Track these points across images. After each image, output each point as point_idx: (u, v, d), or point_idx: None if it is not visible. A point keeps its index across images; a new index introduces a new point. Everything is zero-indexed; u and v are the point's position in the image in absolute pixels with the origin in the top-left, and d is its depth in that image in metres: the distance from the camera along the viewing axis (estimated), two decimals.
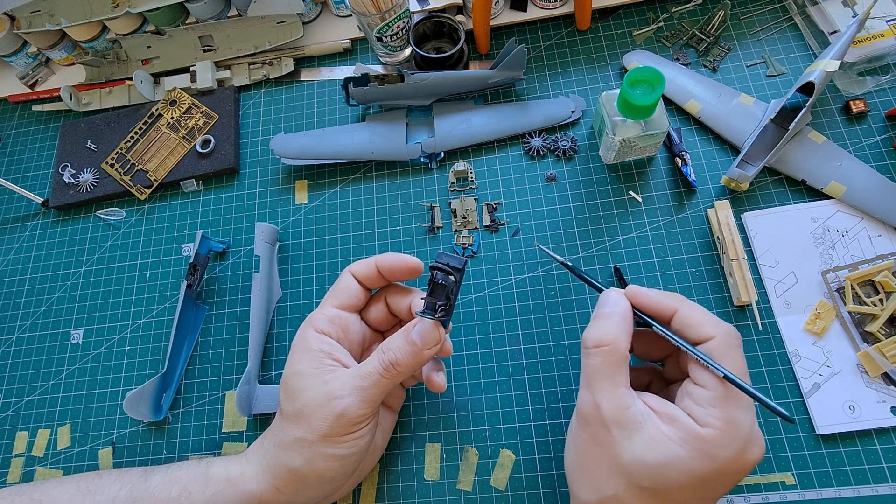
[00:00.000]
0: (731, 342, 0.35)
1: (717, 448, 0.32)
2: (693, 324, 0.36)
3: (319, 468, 0.39)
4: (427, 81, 0.57)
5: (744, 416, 0.33)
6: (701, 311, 0.37)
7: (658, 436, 0.33)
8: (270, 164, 0.62)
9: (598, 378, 0.36)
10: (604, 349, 0.36)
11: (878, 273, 0.47)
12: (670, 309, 0.37)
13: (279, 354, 0.54)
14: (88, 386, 0.55)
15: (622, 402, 0.35)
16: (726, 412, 0.33)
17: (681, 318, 0.36)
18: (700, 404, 0.34)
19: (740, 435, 0.33)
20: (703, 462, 0.32)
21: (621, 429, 0.34)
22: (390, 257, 0.43)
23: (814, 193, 0.52)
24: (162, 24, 0.66)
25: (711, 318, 0.36)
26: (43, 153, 0.68)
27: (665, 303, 0.37)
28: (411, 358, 0.39)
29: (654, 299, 0.38)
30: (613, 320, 0.37)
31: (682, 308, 0.37)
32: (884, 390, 0.45)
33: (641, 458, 0.33)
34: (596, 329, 0.37)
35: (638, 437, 0.34)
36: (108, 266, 0.60)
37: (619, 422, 0.34)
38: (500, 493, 0.47)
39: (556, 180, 0.56)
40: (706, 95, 0.56)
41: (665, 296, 0.38)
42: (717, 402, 0.33)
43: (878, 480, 0.43)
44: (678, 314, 0.37)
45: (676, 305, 0.37)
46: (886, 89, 0.55)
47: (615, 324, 0.37)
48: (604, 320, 0.37)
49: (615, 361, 0.36)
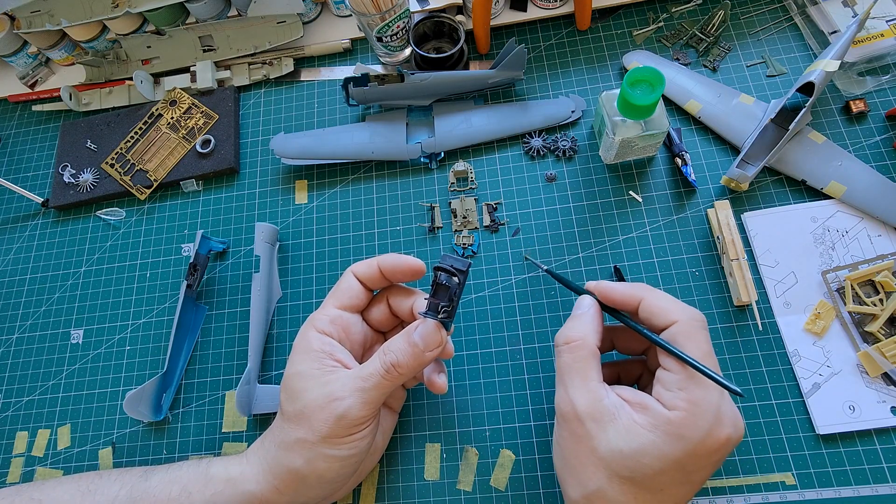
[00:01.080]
0: (695, 325, 0.36)
1: (685, 429, 0.33)
2: (657, 311, 0.37)
3: (320, 469, 0.39)
4: (427, 81, 0.57)
5: (708, 395, 0.34)
6: (664, 298, 0.38)
7: (630, 424, 0.34)
8: (270, 164, 0.62)
9: (569, 374, 0.37)
10: (572, 345, 0.37)
11: (878, 273, 0.47)
12: (635, 299, 0.38)
13: (279, 354, 0.54)
14: (88, 386, 0.55)
15: (595, 394, 0.36)
16: (691, 393, 0.34)
17: (646, 307, 0.38)
18: (668, 388, 0.35)
19: (706, 415, 0.33)
20: (674, 444, 0.33)
21: (596, 421, 0.35)
22: (392, 258, 0.43)
23: (814, 193, 0.52)
24: (162, 24, 0.66)
25: (675, 304, 0.37)
26: (43, 153, 0.68)
27: (630, 294, 0.39)
28: (413, 360, 0.39)
29: (619, 292, 0.39)
30: (582, 320, 0.39)
31: (647, 297, 0.38)
32: (884, 390, 0.45)
33: (617, 448, 0.34)
34: (566, 329, 0.39)
35: (612, 429, 0.34)
36: (108, 266, 0.60)
37: (592, 415, 0.35)
38: (500, 493, 0.47)
39: (556, 180, 0.56)
40: (706, 95, 0.56)
41: (630, 287, 0.39)
42: (682, 385, 0.34)
43: (878, 480, 0.43)
44: (643, 303, 0.38)
45: (641, 295, 0.38)
46: (886, 89, 0.55)
47: (584, 322, 0.39)
48: (573, 320, 0.39)
49: (584, 357, 0.37)
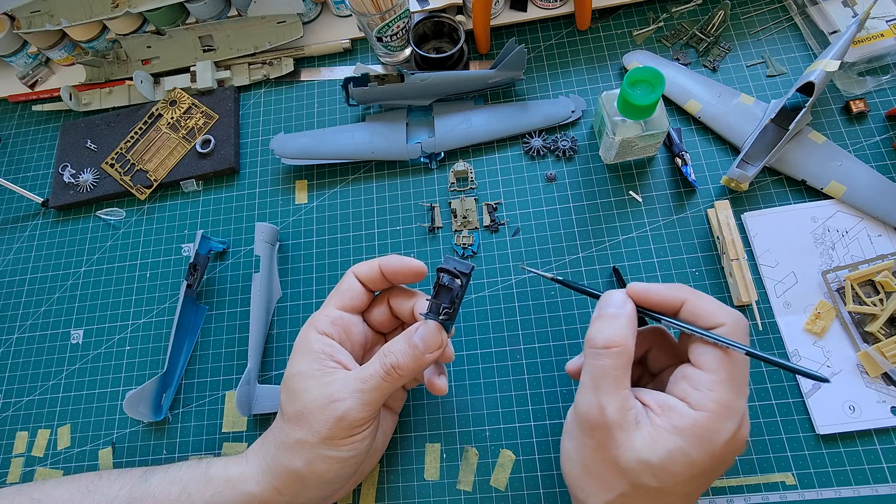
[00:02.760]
0: (741, 329, 0.35)
1: (711, 431, 0.32)
2: (703, 313, 0.35)
3: (319, 470, 0.39)
4: (427, 81, 0.57)
5: (738, 399, 0.33)
6: (709, 300, 0.36)
7: (655, 431, 0.33)
8: (270, 164, 0.62)
9: (605, 380, 0.35)
10: (614, 350, 0.35)
11: (878, 273, 0.47)
12: (678, 301, 0.36)
13: (279, 354, 0.54)
14: (88, 386, 0.55)
15: (625, 403, 0.34)
16: (723, 395, 0.33)
17: (690, 309, 0.36)
18: (697, 387, 0.34)
19: (734, 417, 0.33)
20: (701, 447, 0.32)
21: (623, 430, 0.34)
22: (394, 259, 0.43)
23: (814, 193, 0.52)
24: (162, 24, 0.66)
25: (720, 306, 0.36)
26: (43, 153, 0.68)
27: (672, 295, 0.37)
28: (413, 362, 0.39)
29: (660, 293, 0.37)
30: (622, 322, 0.36)
31: (691, 298, 0.36)
32: (884, 390, 0.45)
33: (645, 458, 0.33)
34: (606, 329, 0.36)
35: (638, 437, 0.33)
36: (108, 266, 0.60)
37: (620, 423, 0.34)
38: (500, 493, 0.47)
39: (556, 180, 0.56)
40: (706, 95, 0.56)
41: (670, 288, 0.37)
42: (715, 386, 0.33)
43: (878, 480, 0.43)
44: (687, 305, 0.36)
45: (684, 297, 0.36)
46: (886, 89, 0.55)
47: (624, 325, 0.36)
48: (612, 321, 0.36)
49: (624, 364, 0.35)
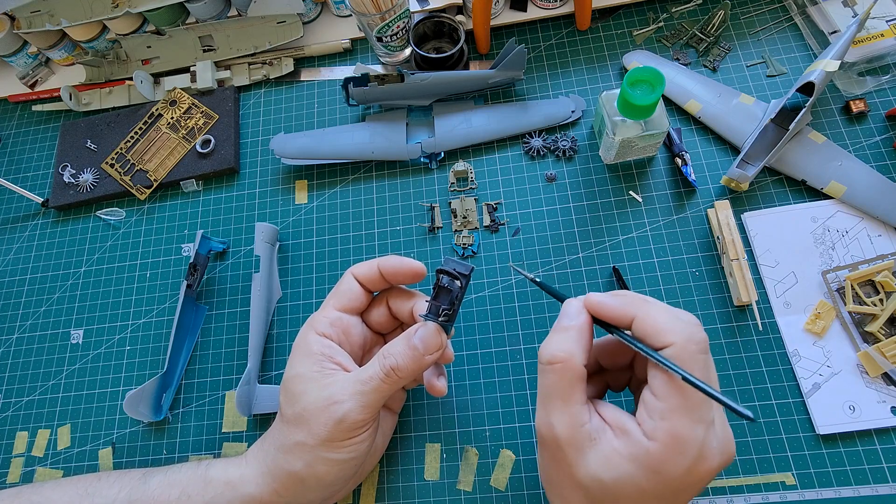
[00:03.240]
0: (691, 348, 0.32)
1: (663, 464, 0.31)
2: (651, 331, 0.33)
3: (319, 472, 0.39)
4: (427, 81, 0.57)
5: (693, 429, 0.31)
6: (660, 315, 0.34)
7: (610, 452, 0.32)
8: (270, 164, 0.62)
9: (551, 396, 0.34)
10: (557, 366, 0.34)
11: (878, 273, 0.47)
12: (629, 317, 0.34)
13: (279, 354, 0.54)
14: (88, 386, 0.55)
15: (576, 420, 0.33)
16: (673, 425, 0.31)
17: (639, 325, 0.34)
18: (651, 416, 0.32)
19: (687, 450, 0.31)
20: (650, 478, 0.31)
21: (575, 448, 0.33)
22: (393, 260, 0.43)
23: (814, 193, 0.52)
24: (162, 24, 0.66)
25: (672, 322, 0.33)
26: (43, 153, 0.68)
27: (622, 311, 0.35)
28: (412, 363, 0.39)
29: (611, 307, 0.35)
30: (569, 335, 0.35)
31: (639, 314, 0.34)
32: (884, 390, 0.45)
33: (596, 477, 0.32)
34: (551, 344, 0.35)
35: (592, 455, 0.32)
36: (108, 266, 0.60)
37: (572, 441, 0.33)
38: (500, 493, 0.47)
39: (556, 180, 0.56)
40: (706, 95, 0.56)
41: (623, 303, 0.35)
42: (666, 414, 0.31)
43: (878, 480, 0.43)
44: (636, 322, 0.34)
45: (633, 312, 0.34)
46: (886, 89, 0.55)
47: (571, 339, 0.35)
48: (560, 334, 0.35)
49: (570, 379, 0.34)
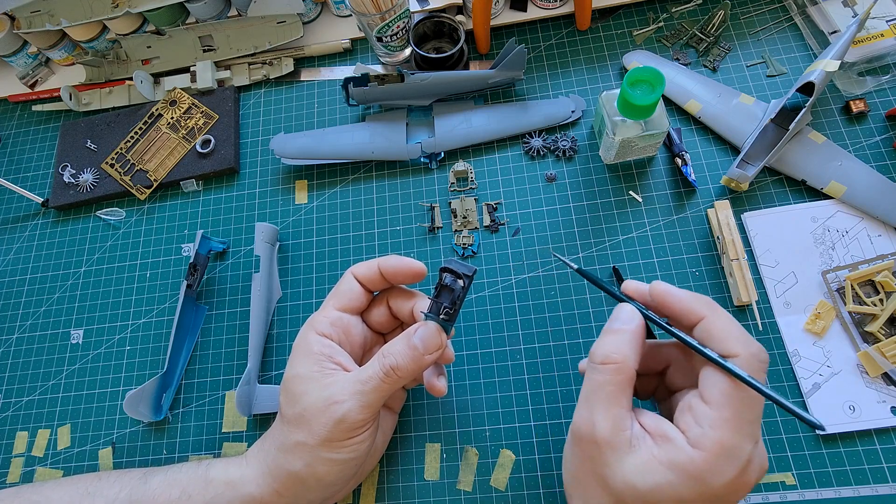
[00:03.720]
0: (757, 364, 0.32)
1: (708, 474, 0.30)
2: (718, 336, 0.33)
3: (319, 472, 0.39)
4: (427, 81, 0.57)
5: (743, 442, 0.31)
6: (729, 323, 0.34)
7: (649, 460, 0.32)
8: (270, 164, 0.62)
9: (599, 396, 0.34)
10: (611, 367, 0.34)
11: (878, 273, 0.47)
12: (696, 315, 0.34)
13: (279, 354, 0.54)
14: (88, 386, 0.55)
15: (620, 424, 0.33)
16: (724, 436, 0.31)
17: (706, 328, 0.34)
18: (699, 423, 0.32)
19: (734, 462, 0.31)
20: (692, 487, 0.31)
21: (614, 451, 0.32)
22: (393, 260, 0.43)
23: (814, 193, 0.52)
24: (162, 24, 0.66)
25: (739, 333, 0.33)
26: (43, 153, 0.68)
27: (693, 308, 0.34)
28: (412, 363, 0.39)
29: (681, 300, 0.35)
30: (625, 337, 0.35)
31: (711, 316, 0.34)
32: (884, 390, 0.45)
33: (632, 483, 0.32)
34: (606, 344, 0.35)
35: (629, 461, 0.32)
36: (108, 266, 0.60)
37: (612, 444, 0.33)
38: (500, 493, 0.47)
39: (556, 180, 0.56)
40: (706, 95, 0.56)
41: (695, 299, 0.35)
42: (717, 424, 0.31)
43: (878, 480, 0.43)
44: (704, 322, 0.34)
45: (704, 312, 0.34)
46: (886, 89, 0.55)
47: (626, 341, 0.35)
48: (615, 336, 0.35)
49: (621, 381, 0.34)
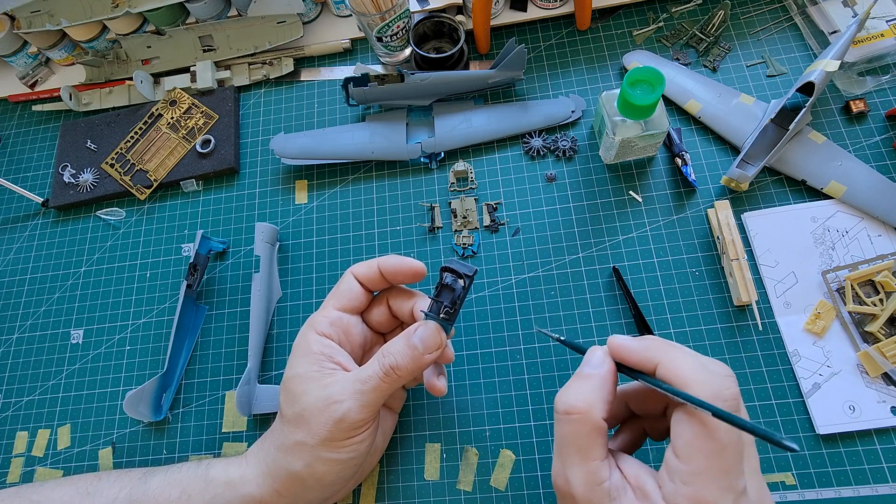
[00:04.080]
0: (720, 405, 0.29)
1: None
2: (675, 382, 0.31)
3: (319, 472, 0.39)
4: (427, 81, 0.57)
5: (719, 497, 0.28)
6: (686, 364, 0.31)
7: None
8: (270, 164, 0.62)
9: (568, 449, 0.32)
10: (574, 417, 0.32)
11: (878, 273, 0.47)
12: (652, 363, 0.32)
13: (279, 354, 0.54)
14: (88, 386, 0.55)
15: (594, 477, 0.31)
16: (697, 491, 0.29)
17: (661, 374, 0.32)
18: (671, 478, 0.30)
19: None
20: None
21: None
22: (393, 260, 0.43)
23: (814, 193, 0.52)
24: (162, 24, 0.66)
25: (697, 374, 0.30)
26: (43, 153, 0.68)
27: (645, 355, 0.33)
28: (412, 362, 0.39)
29: (633, 350, 0.33)
30: (590, 384, 0.33)
31: (664, 360, 0.32)
32: (884, 390, 0.45)
33: None
34: (569, 392, 0.33)
35: None
36: (108, 266, 0.60)
37: (589, 499, 0.31)
38: (500, 493, 0.47)
39: (556, 180, 0.56)
40: (706, 95, 0.56)
41: (646, 346, 0.33)
42: (689, 479, 0.29)
43: (878, 480, 0.43)
44: (659, 368, 0.32)
45: (658, 358, 0.32)
46: (886, 89, 0.55)
47: (591, 388, 0.33)
48: (580, 382, 0.33)
49: (587, 432, 0.31)
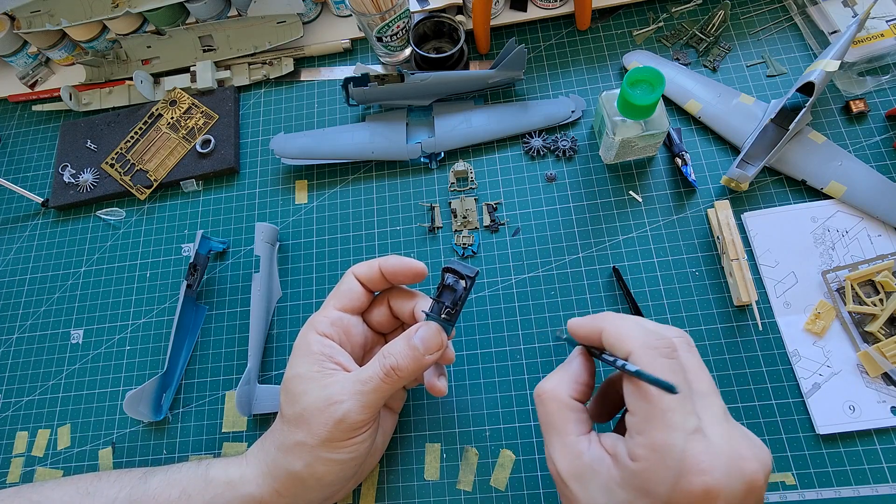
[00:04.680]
0: (650, 353, 0.31)
1: (648, 483, 0.29)
2: (614, 342, 0.33)
3: (319, 472, 0.39)
4: (427, 81, 0.57)
5: (669, 436, 0.29)
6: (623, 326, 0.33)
7: (608, 481, 0.31)
8: (270, 164, 0.62)
9: (546, 430, 0.35)
10: (542, 398, 0.35)
11: (878, 273, 0.47)
12: (597, 333, 0.35)
13: (279, 354, 0.54)
14: (88, 386, 0.55)
15: (573, 451, 0.33)
16: (649, 437, 0.30)
17: (605, 340, 0.34)
18: (631, 434, 0.31)
19: (668, 462, 0.28)
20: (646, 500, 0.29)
21: (577, 480, 0.32)
22: (394, 260, 0.43)
23: (814, 193, 0.52)
24: (162, 24, 0.66)
25: (634, 330, 0.33)
26: (43, 153, 0.68)
27: (592, 328, 0.35)
28: (412, 363, 0.39)
29: (581, 324, 0.36)
30: (559, 369, 0.36)
31: (606, 327, 0.34)
32: (884, 390, 0.45)
33: None
34: (543, 380, 0.36)
35: (594, 486, 0.31)
36: (108, 266, 0.60)
37: (573, 474, 0.32)
38: (500, 493, 0.47)
39: (556, 180, 0.56)
40: (706, 95, 0.56)
41: (592, 318, 0.36)
42: (641, 427, 0.30)
43: (878, 480, 0.43)
44: (603, 335, 0.34)
45: (600, 326, 0.34)
46: (886, 89, 0.55)
47: (558, 372, 0.36)
48: (553, 371, 0.37)
49: (557, 409, 0.34)
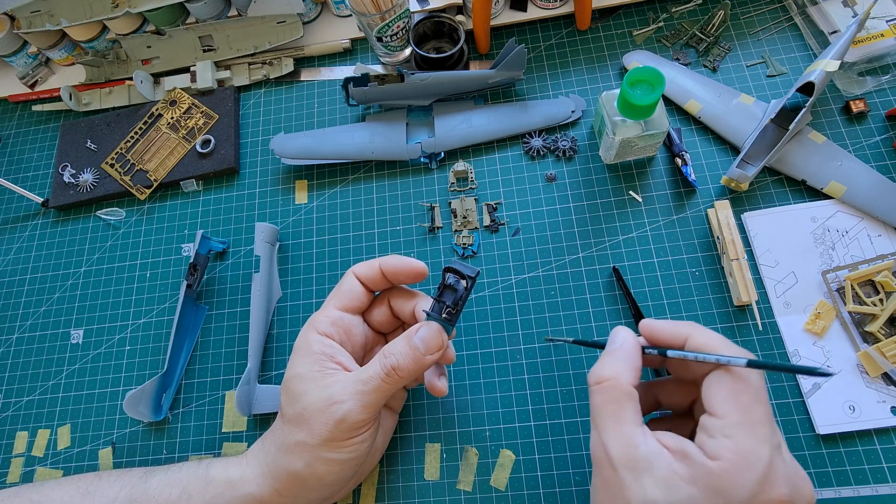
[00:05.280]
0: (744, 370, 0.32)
1: (728, 484, 0.29)
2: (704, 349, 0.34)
3: (320, 472, 0.39)
4: (427, 81, 0.57)
5: (759, 447, 0.30)
6: (713, 337, 0.35)
7: (669, 476, 0.31)
8: (270, 164, 0.62)
9: (602, 416, 0.34)
10: (604, 385, 0.34)
11: (878, 273, 0.47)
12: (683, 336, 0.36)
13: (279, 354, 0.54)
14: (88, 386, 0.55)
15: (629, 440, 0.32)
16: (738, 443, 0.30)
17: (692, 345, 0.35)
18: (712, 435, 0.31)
19: (753, 468, 0.30)
20: (715, 501, 0.30)
21: (630, 470, 0.32)
22: (394, 260, 0.43)
23: (814, 193, 0.52)
24: (162, 24, 0.66)
25: (723, 342, 0.34)
26: (43, 153, 0.68)
27: (678, 331, 0.36)
28: (413, 363, 0.39)
29: (667, 328, 0.37)
30: (616, 356, 0.36)
31: (694, 334, 0.35)
32: (884, 390, 0.45)
33: (652, 502, 0.31)
34: (597, 367, 0.36)
35: (648, 479, 0.31)
36: (108, 266, 0.60)
37: (627, 463, 0.32)
38: (500, 493, 0.47)
39: (556, 180, 0.56)
40: (706, 95, 0.56)
41: (678, 324, 0.37)
42: (729, 431, 0.31)
43: (878, 480, 0.43)
44: (689, 340, 0.35)
45: (688, 332, 0.35)
46: (886, 89, 0.55)
47: (617, 359, 0.36)
48: (606, 357, 0.36)
49: (617, 398, 0.34)
